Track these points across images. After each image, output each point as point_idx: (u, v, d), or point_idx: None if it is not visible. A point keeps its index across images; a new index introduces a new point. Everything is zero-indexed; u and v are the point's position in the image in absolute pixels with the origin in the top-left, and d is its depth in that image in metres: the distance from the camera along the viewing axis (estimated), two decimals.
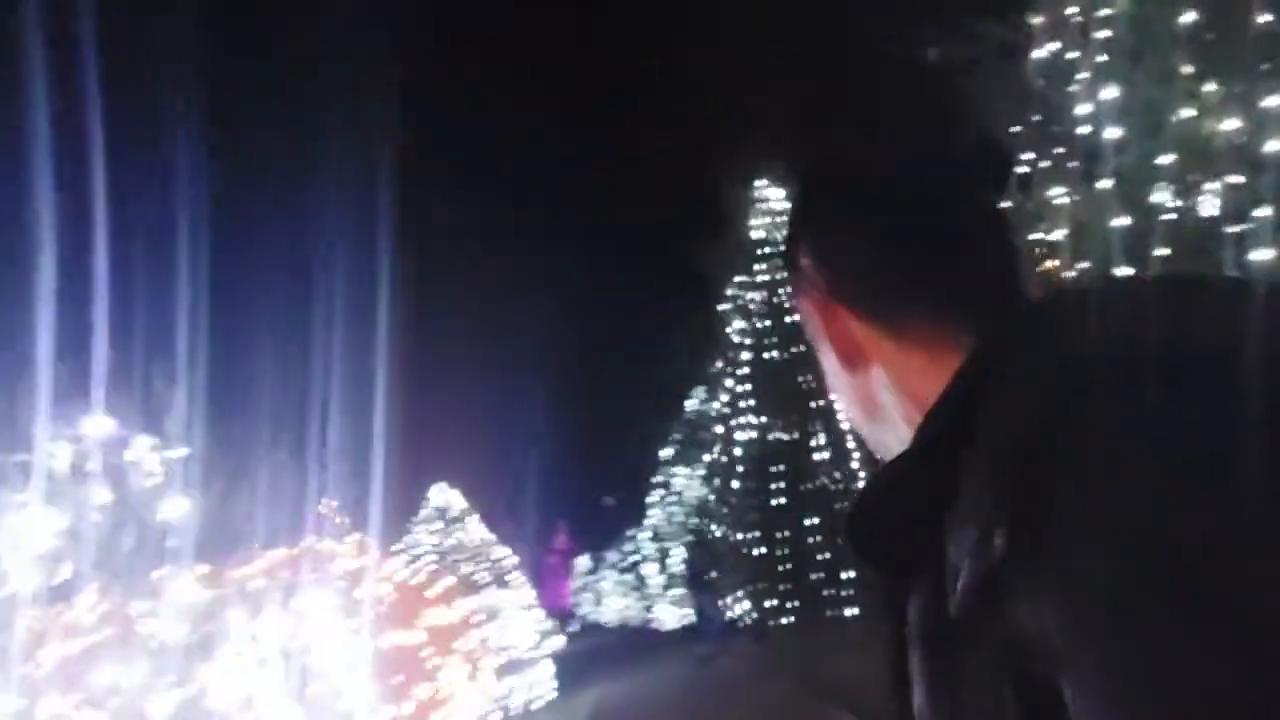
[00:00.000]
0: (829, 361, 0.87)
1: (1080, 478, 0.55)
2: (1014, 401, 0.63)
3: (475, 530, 24.42)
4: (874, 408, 0.85)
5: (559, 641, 26.47)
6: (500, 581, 23.02)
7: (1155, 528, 0.52)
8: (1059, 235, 5.65)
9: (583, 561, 48.55)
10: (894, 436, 0.84)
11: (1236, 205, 4.18)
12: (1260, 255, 3.89)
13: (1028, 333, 0.69)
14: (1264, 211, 4.10)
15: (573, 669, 21.67)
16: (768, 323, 14.39)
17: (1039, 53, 5.87)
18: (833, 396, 0.93)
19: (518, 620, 19.30)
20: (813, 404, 12.89)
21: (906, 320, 0.80)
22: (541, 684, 18.15)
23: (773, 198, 14.58)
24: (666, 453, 27.27)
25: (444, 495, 24.14)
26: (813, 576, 12.63)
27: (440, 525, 23.76)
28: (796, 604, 13.03)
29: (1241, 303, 0.64)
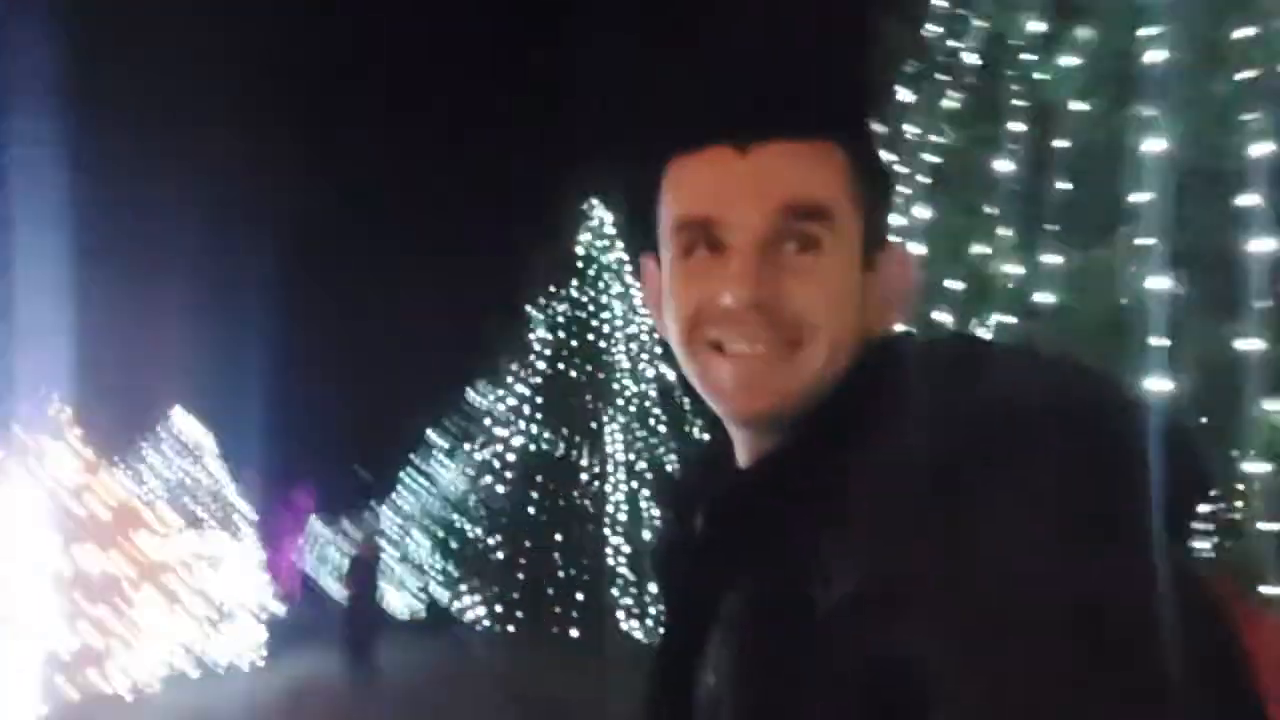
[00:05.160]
0: (846, 254, 0.76)
1: (986, 518, 0.57)
2: (918, 433, 0.63)
3: (212, 468, 23.06)
4: (856, 321, 0.78)
5: (277, 605, 25.24)
6: (228, 528, 21.82)
7: (1057, 574, 0.54)
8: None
9: (320, 526, 46.54)
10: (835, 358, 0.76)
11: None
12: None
13: (925, 368, 0.70)
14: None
15: (288, 635, 20.72)
16: (568, 338, 14.51)
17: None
18: (821, 307, 0.76)
19: (237, 573, 18.30)
20: (591, 425, 13.08)
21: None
22: (250, 644, 17.25)
23: (602, 217, 14.77)
24: (434, 438, 26.76)
25: (184, 422, 22.60)
26: (549, 591, 12.73)
27: (173, 453, 22.29)
28: (524, 615, 13.10)
29: (1101, 374, 0.69)
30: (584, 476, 13.19)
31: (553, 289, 15.06)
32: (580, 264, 14.85)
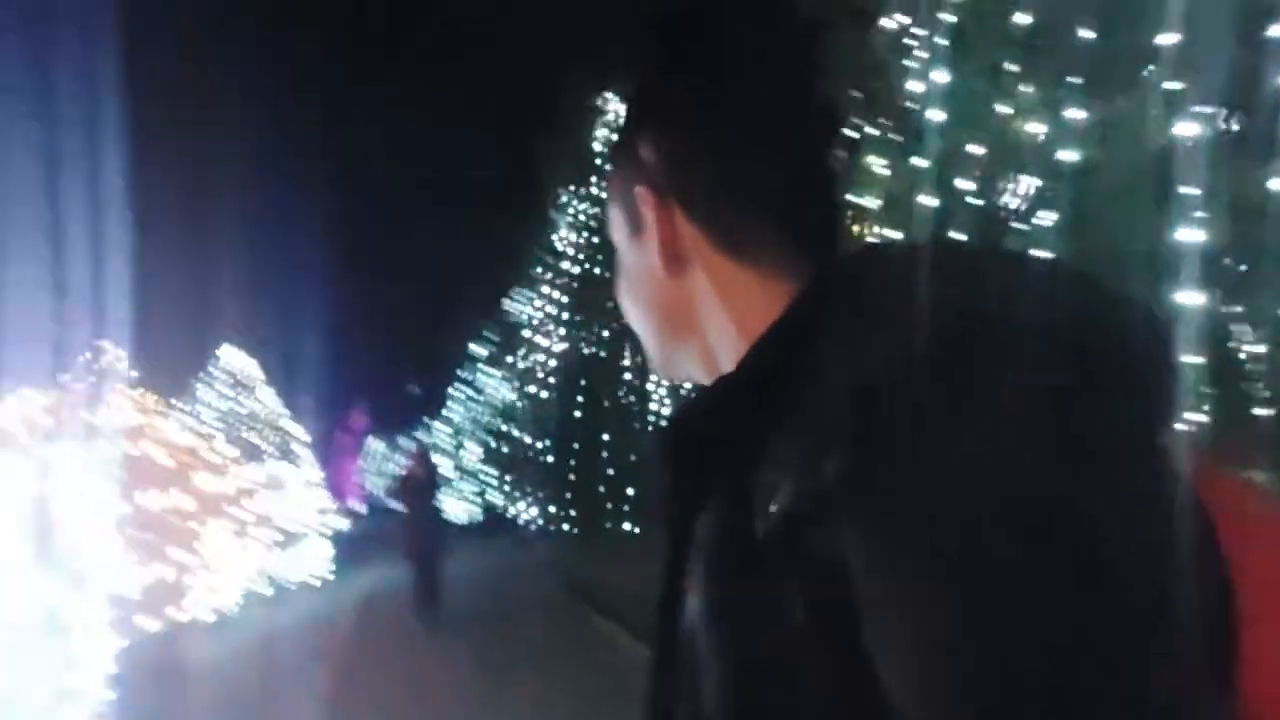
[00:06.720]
0: (646, 260, 0.82)
1: (925, 423, 0.56)
2: (867, 341, 0.63)
3: (266, 399, 23.58)
4: (684, 319, 0.82)
5: (340, 521, 26.14)
6: (286, 454, 22.41)
7: (991, 479, 0.54)
8: (872, 202, 5.88)
9: (377, 445, 47.89)
10: (697, 351, 0.82)
11: (1027, 205, 4.47)
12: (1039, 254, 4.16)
13: (878, 277, 0.69)
14: (1049, 215, 4.38)
15: (353, 550, 21.52)
16: (595, 237, 14.37)
17: (887, 23, 6.00)
18: (628, 300, 0.88)
19: (300, 495, 18.91)
20: (625, 322, 13.00)
21: (746, 233, 0.77)
22: (318, 562, 17.95)
23: (619, 110, 14.40)
24: (478, 350, 27.08)
25: (236, 359, 23.08)
26: (599, 489, 12.96)
27: (230, 390, 22.79)
28: (578, 514, 13.38)
29: (1072, 279, 0.67)
30: (624, 376, 13.26)
31: (573, 189, 14.87)
32: (597, 160, 14.61)
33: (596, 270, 14.31)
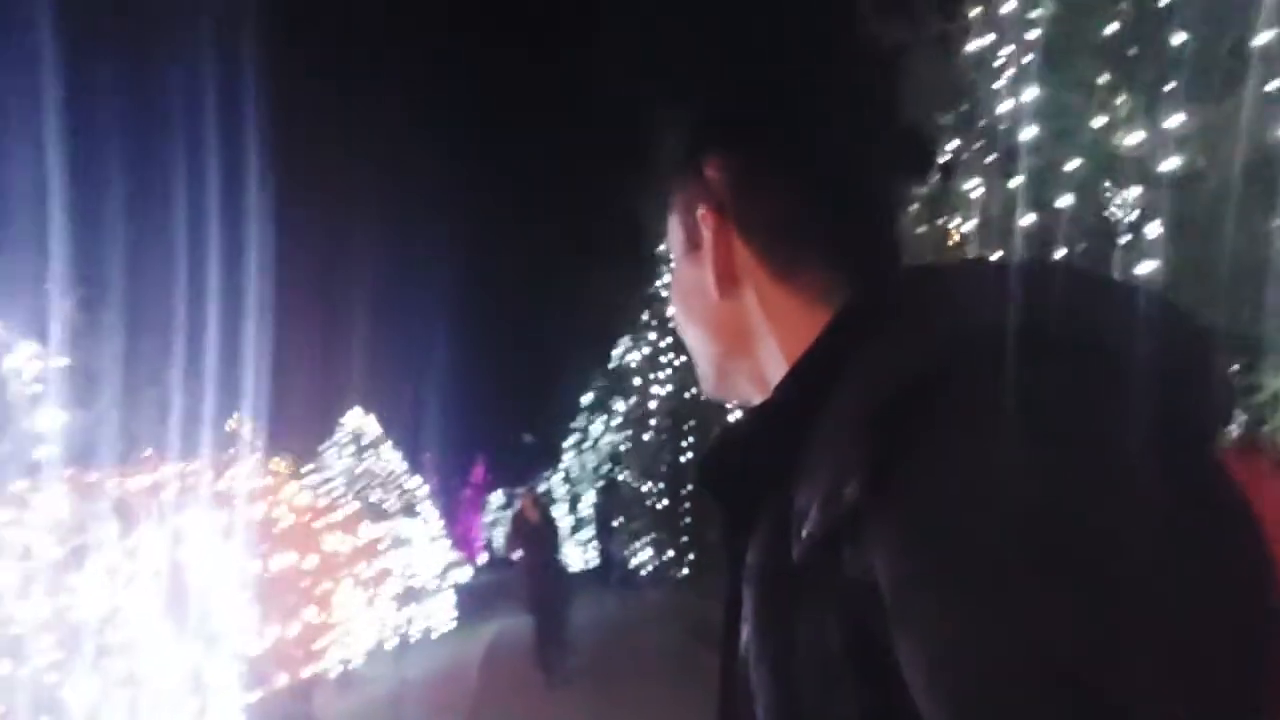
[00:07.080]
0: (699, 277, 0.84)
1: (943, 439, 0.57)
2: (887, 361, 0.64)
3: (388, 458, 24.26)
4: (737, 340, 0.83)
5: (464, 573, 26.61)
6: (409, 511, 22.98)
7: (1010, 492, 0.54)
8: (970, 225, 5.76)
9: (496, 497, 48.71)
10: (749, 373, 0.84)
11: (1131, 216, 4.33)
12: (1147, 266, 4.05)
13: (906, 299, 0.70)
14: (1155, 225, 4.25)
15: (476, 601, 21.89)
16: None
17: (972, 45, 5.91)
18: (681, 315, 0.90)
19: (423, 550, 19.35)
20: None
21: (801, 259, 0.79)
22: (442, 614, 18.31)
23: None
24: (587, 398, 27.37)
25: (358, 421, 23.86)
26: (714, 531, 12.89)
27: (353, 451, 23.53)
28: (693, 556, 13.31)
29: (1111, 291, 0.68)
30: (731, 415, 13.20)
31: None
32: None
33: None
